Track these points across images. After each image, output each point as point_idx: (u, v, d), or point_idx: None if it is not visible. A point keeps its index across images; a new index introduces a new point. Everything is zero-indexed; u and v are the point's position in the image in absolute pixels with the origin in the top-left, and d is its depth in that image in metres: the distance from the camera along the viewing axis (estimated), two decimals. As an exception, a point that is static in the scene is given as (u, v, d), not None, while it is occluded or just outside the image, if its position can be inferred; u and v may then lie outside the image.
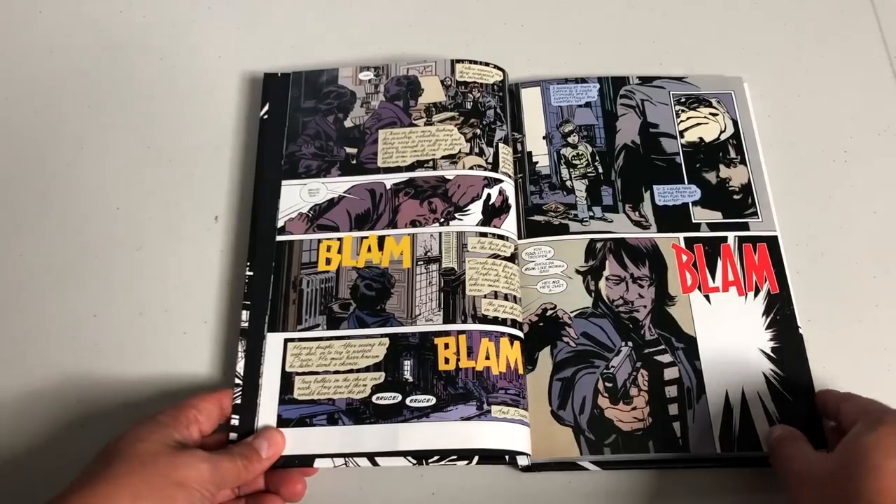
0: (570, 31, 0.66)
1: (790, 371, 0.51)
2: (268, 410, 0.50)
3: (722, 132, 0.59)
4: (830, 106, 0.62)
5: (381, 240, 0.54)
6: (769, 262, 0.55)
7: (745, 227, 0.56)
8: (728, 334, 0.53)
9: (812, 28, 0.65)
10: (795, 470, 0.44)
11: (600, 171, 0.58)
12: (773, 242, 0.55)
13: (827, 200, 0.59)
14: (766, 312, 0.53)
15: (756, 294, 0.54)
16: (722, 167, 0.58)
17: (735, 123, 0.60)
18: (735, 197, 0.57)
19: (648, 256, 0.55)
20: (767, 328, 0.53)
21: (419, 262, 0.54)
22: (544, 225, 0.56)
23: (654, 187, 0.57)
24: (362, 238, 0.55)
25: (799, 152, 0.60)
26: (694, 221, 0.56)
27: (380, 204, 0.56)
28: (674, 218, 0.56)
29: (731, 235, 0.56)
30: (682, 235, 0.56)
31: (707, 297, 0.54)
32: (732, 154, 0.58)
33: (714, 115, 0.60)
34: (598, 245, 0.56)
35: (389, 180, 0.56)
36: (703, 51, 0.64)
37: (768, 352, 0.52)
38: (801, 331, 0.53)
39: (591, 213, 0.57)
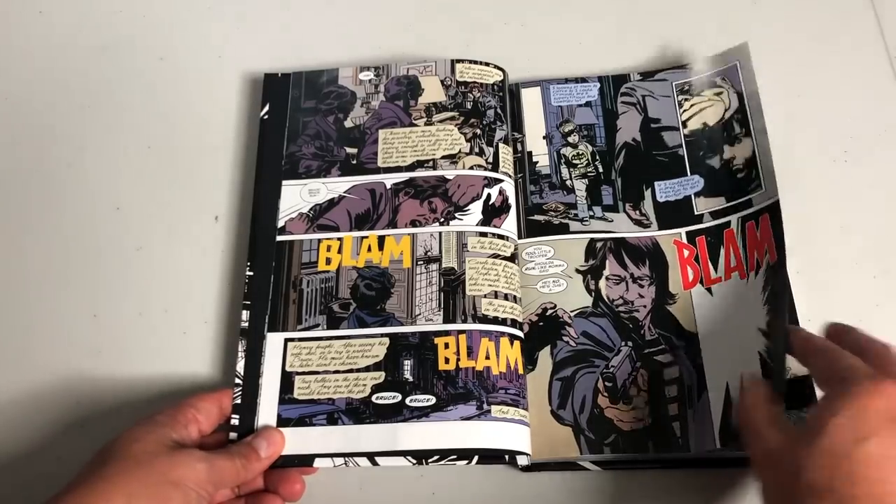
0: (570, 31, 0.66)
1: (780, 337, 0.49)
2: (268, 410, 0.50)
3: (726, 110, 0.59)
4: (830, 106, 0.62)
5: (381, 239, 0.54)
6: (770, 232, 0.53)
7: (749, 203, 0.55)
8: (729, 324, 0.52)
9: (812, 28, 0.65)
10: (763, 449, 0.41)
11: (600, 170, 0.58)
12: (774, 209, 0.54)
13: (827, 200, 0.59)
14: (765, 287, 0.52)
15: (757, 272, 0.53)
16: (726, 147, 0.57)
17: (740, 96, 0.59)
18: (739, 175, 0.56)
19: (649, 256, 0.55)
20: (765, 303, 0.51)
21: (419, 262, 0.54)
22: (544, 224, 0.56)
23: (655, 184, 0.57)
24: (362, 238, 0.55)
25: (799, 152, 0.60)
26: (696, 213, 0.56)
27: (380, 204, 0.56)
28: (675, 213, 0.56)
29: (735, 218, 0.55)
30: (683, 230, 0.56)
31: (709, 290, 0.54)
32: (737, 130, 0.58)
33: (718, 94, 0.59)
34: (598, 245, 0.55)
35: (389, 180, 0.56)
36: (703, 51, 0.64)
37: (764, 328, 0.50)
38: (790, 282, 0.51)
39: (592, 213, 0.57)
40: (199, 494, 0.42)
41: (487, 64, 0.61)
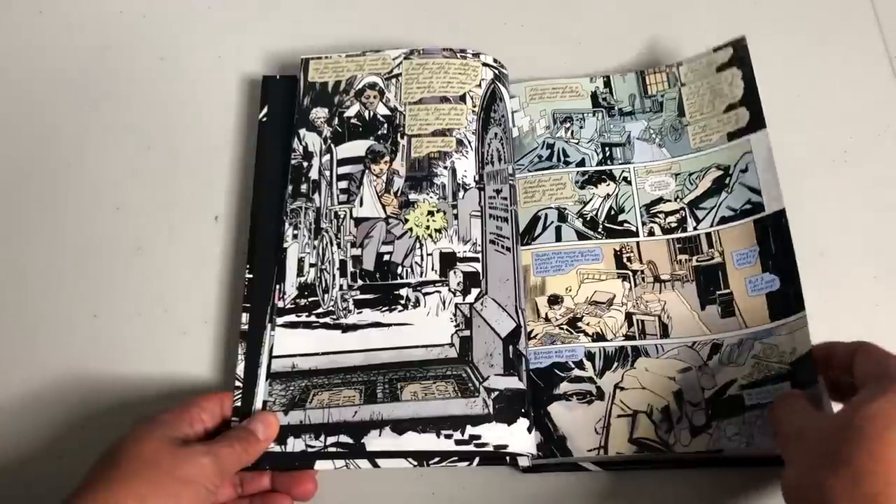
0: (570, 31, 0.66)
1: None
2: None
3: None
4: (830, 106, 0.62)
5: None
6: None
7: None
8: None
9: (812, 28, 0.65)
10: (793, 427, 0.42)
11: None
12: None
13: (827, 200, 0.58)
14: None
15: None
16: None
17: None
18: None
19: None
20: None
21: None
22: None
23: None
24: None
25: (799, 152, 0.60)
26: None
27: None
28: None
29: None
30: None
31: None
32: None
33: None
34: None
35: None
36: (702, 51, 0.64)
37: None
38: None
39: None
40: (207, 489, 0.42)
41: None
